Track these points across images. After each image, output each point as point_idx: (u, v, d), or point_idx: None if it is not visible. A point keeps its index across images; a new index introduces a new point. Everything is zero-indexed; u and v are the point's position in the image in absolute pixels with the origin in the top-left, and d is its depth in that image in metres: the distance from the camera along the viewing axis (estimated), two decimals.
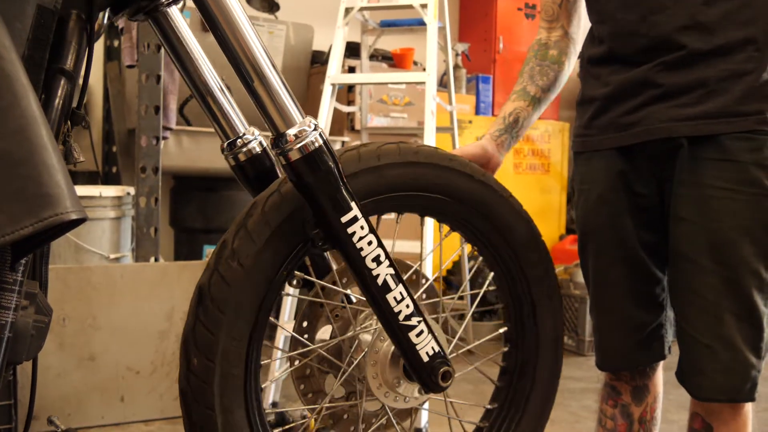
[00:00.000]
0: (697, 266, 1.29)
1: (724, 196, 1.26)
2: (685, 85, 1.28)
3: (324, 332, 1.30)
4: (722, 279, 1.27)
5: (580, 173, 1.49)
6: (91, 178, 3.68)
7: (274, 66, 1.06)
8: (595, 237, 1.44)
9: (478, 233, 1.35)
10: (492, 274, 1.41)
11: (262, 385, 1.25)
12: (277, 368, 2.65)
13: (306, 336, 1.28)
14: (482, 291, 1.46)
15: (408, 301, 1.16)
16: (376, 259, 1.12)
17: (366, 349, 1.24)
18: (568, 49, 1.52)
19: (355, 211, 1.11)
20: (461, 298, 3.59)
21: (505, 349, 1.44)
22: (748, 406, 1.34)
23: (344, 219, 1.10)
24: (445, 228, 1.37)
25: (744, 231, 1.26)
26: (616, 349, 1.46)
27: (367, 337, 1.27)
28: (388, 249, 1.29)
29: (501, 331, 1.44)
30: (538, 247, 1.39)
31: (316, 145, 1.07)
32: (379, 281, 1.13)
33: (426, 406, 1.38)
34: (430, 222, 2.17)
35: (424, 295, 1.36)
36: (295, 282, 1.26)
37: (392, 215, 1.32)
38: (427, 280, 1.35)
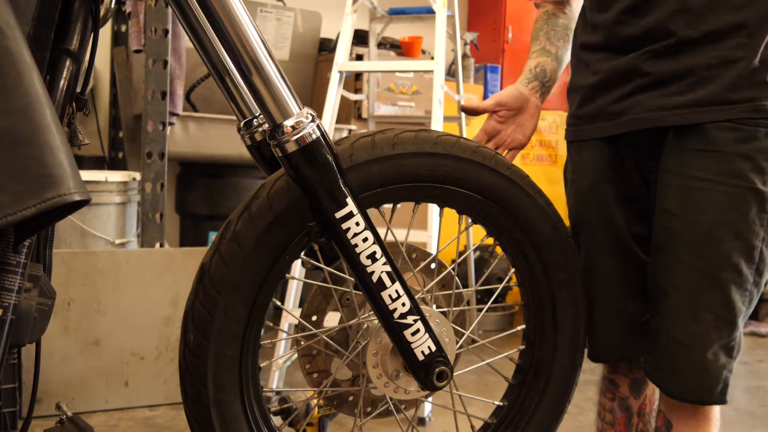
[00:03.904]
0: (676, 260, 1.26)
1: (708, 188, 1.23)
2: (673, 74, 1.26)
3: (332, 318, 1.30)
4: (701, 274, 1.24)
5: (571, 163, 1.47)
6: (97, 164, 3.67)
7: (271, 56, 1.04)
8: (586, 227, 1.42)
9: (501, 228, 1.32)
10: (513, 269, 1.38)
11: (261, 365, 1.25)
12: (281, 353, 2.65)
13: (314, 319, 1.28)
14: (500, 287, 1.43)
15: (404, 299, 1.14)
16: (371, 256, 1.11)
17: (368, 339, 1.24)
18: (572, 25, 1.49)
19: (351, 206, 1.09)
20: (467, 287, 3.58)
21: (522, 347, 1.41)
22: (716, 410, 1.31)
23: (339, 214, 1.08)
24: (466, 221, 1.35)
25: (726, 225, 1.22)
26: (608, 340, 1.43)
27: (372, 325, 1.26)
28: (401, 238, 1.28)
29: (519, 328, 1.42)
30: (564, 250, 1.33)
31: (314, 137, 1.05)
32: (374, 278, 1.12)
33: (430, 398, 1.37)
34: (439, 211, 2.14)
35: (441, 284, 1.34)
36: (309, 265, 1.26)
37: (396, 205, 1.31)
38: (445, 269, 1.33)
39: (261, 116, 1.28)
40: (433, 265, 1.34)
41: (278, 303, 1.25)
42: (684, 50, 1.25)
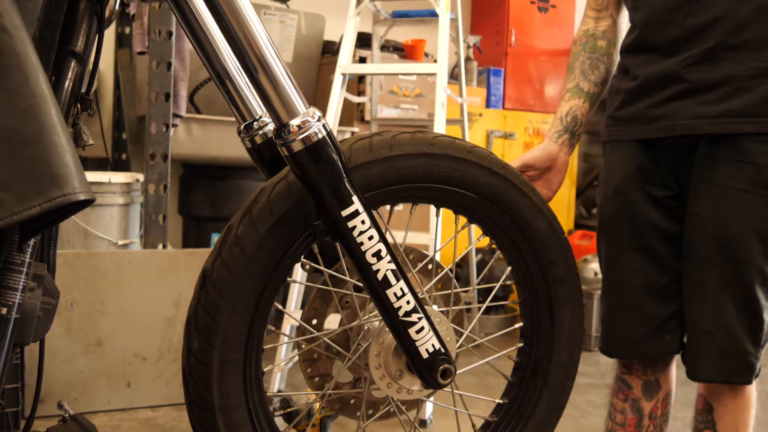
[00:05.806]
0: (704, 259, 1.33)
1: (738, 196, 1.28)
2: (711, 82, 1.28)
3: (332, 320, 1.30)
4: (726, 273, 1.31)
5: (605, 162, 1.50)
6: (100, 165, 3.68)
7: (278, 56, 1.05)
8: (610, 225, 1.45)
9: (497, 227, 1.33)
10: (509, 268, 1.39)
11: (264, 369, 1.25)
12: (283, 356, 2.65)
13: (314, 322, 1.28)
14: (497, 285, 1.44)
15: (409, 297, 1.15)
16: (377, 255, 1.11)
17: (370, 340, 1.24)
18: (616, 39, 1.50)
19: (357, 205, 1.10)
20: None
21: (520, 344, 1.42)
22: (750, 391, 1.38)
23: (345, 213, 1.09)
24: (462, 220, 1.35)
25: (753, 231, 1.29)
26: (623, 335, 1.46)
27: (373, 326, 1.26)
28: (400, 240, 1.29)
29: (517, 326, 1.43)
30: (560, 247, 1.35)
31: (320, 136, 1.06)
32: (379, 276, 1.12)
33: (432, 398, 1.37)
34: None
35: (439, 285, 1.35)
36: (308, 267, 1.26)
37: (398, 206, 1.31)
38: (442, 269, 1.34)
39: (261, 119, 1.28)
40: (436, 265, 1.34)
41: (279, 306, 1.25)
42: (724, 57, 1.27)
